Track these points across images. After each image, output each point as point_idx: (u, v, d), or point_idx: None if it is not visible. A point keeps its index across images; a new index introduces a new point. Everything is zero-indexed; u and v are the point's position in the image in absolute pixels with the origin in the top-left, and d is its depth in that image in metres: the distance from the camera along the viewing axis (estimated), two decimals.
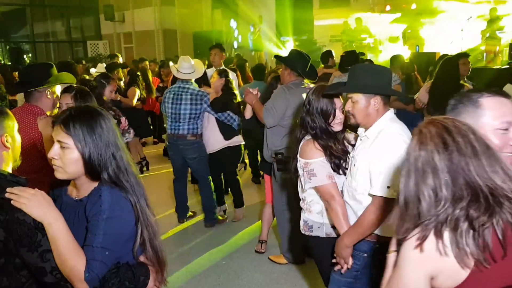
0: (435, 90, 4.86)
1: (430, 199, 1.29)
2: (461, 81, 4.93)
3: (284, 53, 15.49)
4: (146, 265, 1.77)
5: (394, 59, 6.97)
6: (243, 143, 5.15)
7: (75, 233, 1.63)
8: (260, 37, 14.92)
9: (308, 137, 2.58)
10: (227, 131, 4.91)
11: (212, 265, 4.19)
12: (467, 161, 1.26)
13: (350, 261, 2.32)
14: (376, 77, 2.28)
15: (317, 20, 18.38)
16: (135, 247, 1.73)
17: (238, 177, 5.27)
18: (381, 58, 13.31)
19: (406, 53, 10.96)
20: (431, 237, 1.27)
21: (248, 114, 4.24)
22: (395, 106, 5.36)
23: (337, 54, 7.29)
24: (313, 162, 2.50)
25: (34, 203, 1.57)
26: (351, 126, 2.50)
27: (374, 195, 2.18)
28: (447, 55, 5.94)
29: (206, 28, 15.72)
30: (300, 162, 2.55)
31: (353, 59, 5.75)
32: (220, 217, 5.16)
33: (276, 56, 5.85)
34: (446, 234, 1.25)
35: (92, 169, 1.66)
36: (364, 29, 15.07)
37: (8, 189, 1.58)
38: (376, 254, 2.26)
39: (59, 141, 1.65)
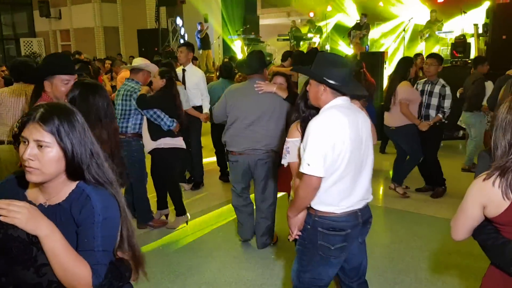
0: (390, 85, 5.64)
1: (505, 149, 1.73)
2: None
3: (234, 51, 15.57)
4: (125, 260, 1.71)
5: None
6: (184, 147, 4.81)
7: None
8: (207, 35, 14.81)
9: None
10: (154, 131, 4.59)
11: (195, 264, 4.11)
12: None
13: (295, 231, 2.52)
14: (329, 67, 2.42)
15: (261, 20, 18.63)
16: (116, 244, 1.66)
17: (181, 184, 5.07)
18: None
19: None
20: (496, 176, 1.70)
21: None
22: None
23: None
24: (290, 141, 2.67)
25: (26, 216, 1.41)
26: None
27: (301, 172, 2.35)
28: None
29: (151, 25, 15.38)
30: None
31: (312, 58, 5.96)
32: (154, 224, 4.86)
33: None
34: (508, 176, 1.68)
35: (75, 168, 1.54)
36: (310, 29, 15.32)
37: None
38: (316, 226, 2.44)
39: (36, 140, 1.49)
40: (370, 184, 2.54)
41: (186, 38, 15.02)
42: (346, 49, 15.15)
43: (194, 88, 5.80)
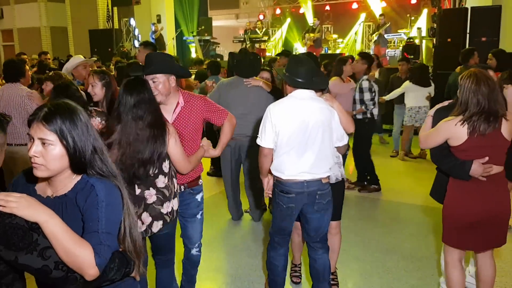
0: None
1: (474, 104, 2.76)
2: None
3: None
4: (126, 253, 1.79)
5: None
6: None
7: (70, 227, 1.61)
8: (162, 36, 14.79)
9: None
10: None
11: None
12: (490, 92, 2.76)
13: (266, 190, 3.27)
14: (295, 66, 3.07)
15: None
16: (120, 234, 1.75)
17: None
18: None
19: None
20: (460, 120, 2.77)
21: None
22: None
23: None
24: None
25: (24, 204, 1.51)
26: None
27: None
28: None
29: (102, 26, 15.12)
30: None
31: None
32: None
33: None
34: (470, 121, 2.74)
35: (78, 163, 1.67)
36: (266, 31, 15.68)
37: None
38: (275, 187, 3.11)
39: (40, 139, 1.60)
40: (321, 163, 3.02)
41: (139, 39, 14.92)
42: (301, 50, 15.69)
43: None
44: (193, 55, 15.50)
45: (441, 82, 7.59)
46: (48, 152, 1.60)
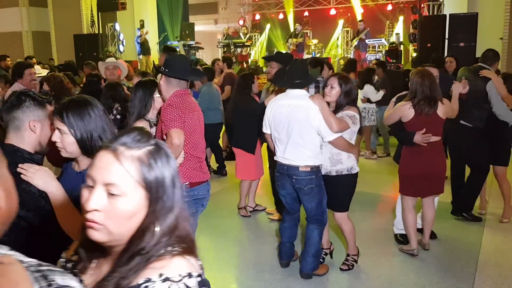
0: None
1: (420, 92, 3.91)
2: None
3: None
4: None
5: None
6: None
7: None
8: (147, 41, 14.98)
9: None
10: None
11: (219, 243, 4.61)
12: (431, 84, 3.95)
13: None
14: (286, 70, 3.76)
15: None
16: None
17: None
18: None
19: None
20: (410, 104, 3.94)
21: None
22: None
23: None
24: None
25: (38, 176, 1.94)
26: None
27: None
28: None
29: (86, 31, 15.19)
30: None
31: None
32: None
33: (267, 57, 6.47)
34: (417, 105, 3.91)
35: (84, 148, 2.03)
36: (250, 36, 16.04)
37: (19, 165, 1.93)
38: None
39: (57, 128, 2.00)
40: (297, 152, 3.61)
41: (124, 44, 15.08)
42: None
43: None
44: None
45: None
46: (64, 139, 1.99)
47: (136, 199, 1.14)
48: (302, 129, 3.57)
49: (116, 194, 1.11)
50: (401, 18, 15.19)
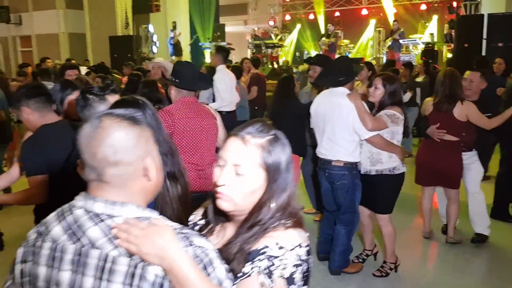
0: None
1: (440, 91, 4.22)
2: None
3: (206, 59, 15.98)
4: None
5: None
6: None
7: None
8: (179, 42, 15.19)
9: None
10: None
11: None
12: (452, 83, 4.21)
13: None
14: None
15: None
16: None
17: None
18: None
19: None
20: (433, 101, 4.35)
21: None
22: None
23: None
24: None
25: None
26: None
27: None
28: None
29: (121, 32, 15.51)
30: None
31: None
32: None
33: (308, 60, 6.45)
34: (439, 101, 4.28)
35: None
36: (281, 37, 16.07)
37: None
38: None
39: None
40: (330, 148, 3.72)
41: (157, 45, 15.33)
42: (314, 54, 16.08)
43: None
44: (207, 59, 15.89)
45: None
46: None
47: (257, 178, 1.34)
48: (335, 126, 3.66)
49: (241, 173, 1.33)
50: (435, 17, 14.96)
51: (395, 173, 3.76)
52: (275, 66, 15.01)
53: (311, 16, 18.70)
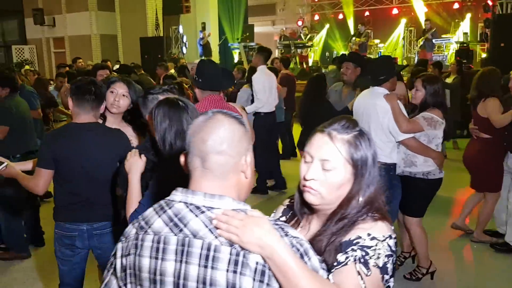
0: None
1: (473, 90, 4.43)
2: None
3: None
4: None
5: None
6: None
7: None
8: (208, 43, 15.30)
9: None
10: None
11: None
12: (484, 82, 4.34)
13: None
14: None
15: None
16: None
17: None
18: None
19: None
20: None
21: None
22: None
23: None
24: None
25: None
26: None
27: None
28: None
29: (151, 33, 15.71)
30: None
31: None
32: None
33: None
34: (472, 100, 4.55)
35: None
36: (311, 37, 16.00)
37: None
38: None
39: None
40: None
41: (187, 46, 15.48)
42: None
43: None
44: (236, 60, 15.95)
45: None
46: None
47: (344, 173, 1.39)
48: (372, 126, 3.62)
49: (329, 168, 1.38)
50: (467, 16, 14.65)
51: (428, 177, 3.66)
52: (304, 66, 14.96)
53: (340, 16, 18.57)
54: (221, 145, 1.21)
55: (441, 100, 3.68)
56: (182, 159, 1.31)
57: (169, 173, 2.04)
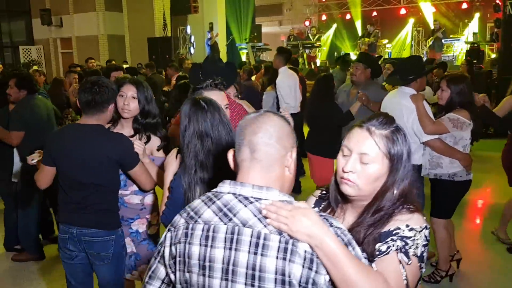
0: None
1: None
2: None
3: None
4: None
5: None
6: None
7: None
8: (216, 43, 15.28)
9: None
10: None
11: None
12: None
13: None
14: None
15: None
16: None
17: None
18: None
19: None
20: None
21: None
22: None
23: None
24: None
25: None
26: None
27: None
28: None
29: (159, 34, 15.70)
30: None
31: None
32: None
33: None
34: None
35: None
36: (319, 37, 15.96)
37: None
38: None
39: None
40: None
41: (195, 46, 15.46)
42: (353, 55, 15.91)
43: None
44: (244, 60, 15.94)
45: (506, 87, 7.73)
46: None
47: (381, 166, 1.47)
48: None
49: (367, 161, 1.46)
50: (476, 16, 14.57)
51: (454, 179, 3.61)
52: (312, 66, 14.92)
53: (348, 16, 18.52)
54: (271, 137, 1.29)
55: (468, 100, 3.59)
56: (230, 154, 1.39)
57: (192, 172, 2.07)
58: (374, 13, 17.65)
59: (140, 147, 2.69)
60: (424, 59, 13.40)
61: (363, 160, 1.46)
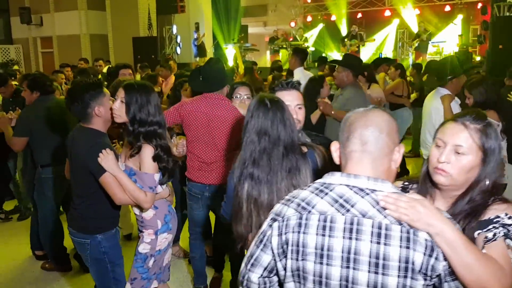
0: None
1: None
2: None
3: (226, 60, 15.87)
4: None
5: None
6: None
7: None
8: (203, 43, 15.11)
9: None
10: None
11: None
12: None
13: None
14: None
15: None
16: None
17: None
18: None
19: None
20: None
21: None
22: None
23: None
24: None
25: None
26: None
27: None
28: None
29: (143, 33, 15.45)
30: None
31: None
32: None
33: (333, 61, 6.29)
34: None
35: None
36: (306, 38, 15.95)
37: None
38: None
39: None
40: (424, 150, 4.04)
41: (181, 46, 15.26)
42: (336, 56, 15.95)
43: None
44: (230, 61, 15.81)
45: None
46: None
47: (475, 158, 1.56)
48: (425, 127, 3.92)
49: (461, 153, 1.56)
50: (459, 17, 14.74)
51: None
52: None
53: (333, 18, 18.54)
54: (382, 131, 1.37)
55: (492, 99, 3.54)
56: (334, 146, 1.46)
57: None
58: (359, 15, 17.72)
59: (106, 157, 2.55)
60: (410, 60, 13.58)
61: (458, 151, 1.55)
